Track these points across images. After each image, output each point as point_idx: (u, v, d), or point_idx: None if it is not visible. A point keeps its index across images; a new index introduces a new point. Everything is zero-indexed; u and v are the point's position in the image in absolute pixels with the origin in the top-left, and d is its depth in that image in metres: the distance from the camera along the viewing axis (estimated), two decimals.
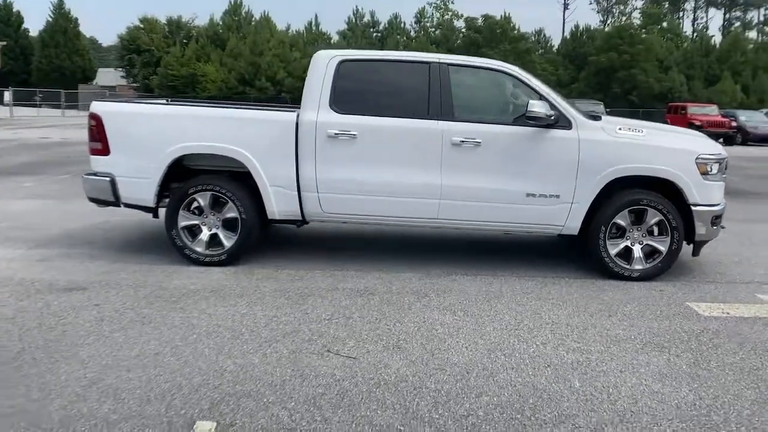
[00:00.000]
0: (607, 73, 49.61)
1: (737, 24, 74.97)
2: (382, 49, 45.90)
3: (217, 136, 5.43)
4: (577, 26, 61.78)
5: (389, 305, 4.59)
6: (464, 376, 3.45)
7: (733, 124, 29.76)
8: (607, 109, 28.57)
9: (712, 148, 5.57)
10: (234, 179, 5.48)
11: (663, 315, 4.55)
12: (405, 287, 5.03)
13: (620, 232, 5.40)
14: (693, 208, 5.30)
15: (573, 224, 5.37)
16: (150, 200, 5.55)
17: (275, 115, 5.56)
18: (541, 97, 5.33)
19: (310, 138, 5.34)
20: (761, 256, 6.37)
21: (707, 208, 5.34)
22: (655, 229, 5.37)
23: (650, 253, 5.40)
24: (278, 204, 5.45)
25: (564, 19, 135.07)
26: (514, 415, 3.04)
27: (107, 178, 5.52)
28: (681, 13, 77.08)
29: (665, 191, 5.34)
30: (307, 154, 5.36)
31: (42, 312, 4.27)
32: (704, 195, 5.31)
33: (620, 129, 5.41)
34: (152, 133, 5.51)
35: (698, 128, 28.31)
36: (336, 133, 5.32)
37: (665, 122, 30.46)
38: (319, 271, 5.43)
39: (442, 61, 5.49)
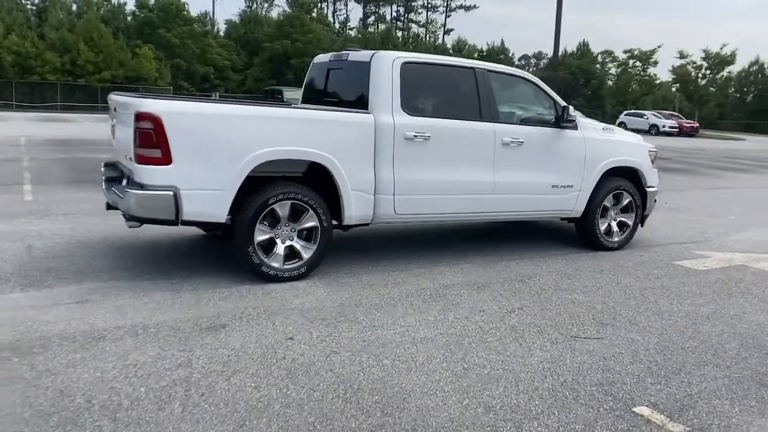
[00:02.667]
0: (280, 60, 51.58)
1: (372, 18, 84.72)
2: None
3: (300, 139, 4.94)
4: (245, 11, 63.05)
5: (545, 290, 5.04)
6: None
7: None
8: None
9: (649, 143, 7.25)
10: (310, 186, 5.07)
11: (669, 274, 5.93)
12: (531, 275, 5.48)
13: (604, 212, 6.68)
14: (647, 189, 6.88)
15: (579, 208, 6.45)
16: (222, 215, 4.74)
17: (354, 116, 5.27)
18: (555, 102, 6.25)
19: (389, 140, 5.27)
20: (684, 220, 8.37)
21: (653, 189, 6.99)
22: (626, 208, 6.81)
23: (620, 226, 6.81)
24: (357, 209, 5.24)
25: (214, 3, 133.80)
26: None
27: (169, 192, 4.52)
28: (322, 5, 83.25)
29: (629, 177, 6.78)
30: (385, 157, 5.27)
31: (260, 358, 3.56)
32: (652, 179, 6.94)
33: (603, 129, 6.66)
34: (227, 138, 4.70)
35: None
36: (414, 135, 5.36)
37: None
38: (397, 272, 5.43)
39: (483, 67, 5.95)
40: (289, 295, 4.72)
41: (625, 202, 6.76)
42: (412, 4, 79.46)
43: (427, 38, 74.95)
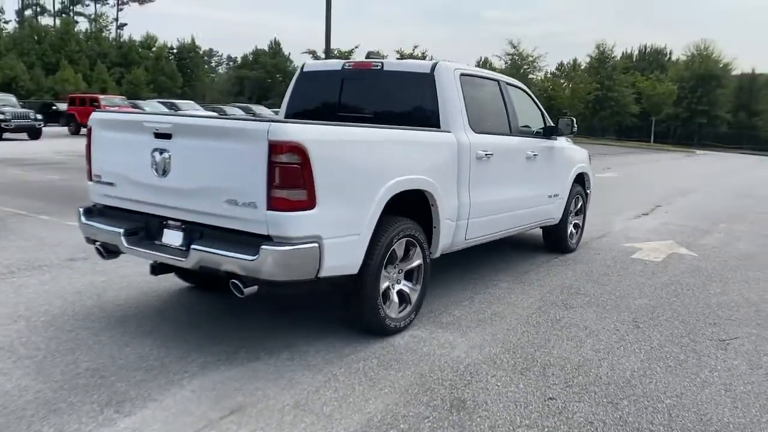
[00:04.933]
0: None
1: (30, 12, 75.11)
2: None
3: (415, 165, 4.23)
4: None
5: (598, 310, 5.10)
6: None
7: None
8: None
9: None
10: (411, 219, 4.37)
11: (640, 272, 6.65)
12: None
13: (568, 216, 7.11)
14: (587, 191, 7.53)
15: (559, 215, 6.76)
16: (357, 265, 3.81)
17: (442, 136, 4.63)
18: (542, 112, 6.44)
19: (466, 161, 4.82)
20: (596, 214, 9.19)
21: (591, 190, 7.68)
22: (579, 211, 7.34)
23: (575, 228, 7.34)
24: (444, 238, 4.70)
25: None
26: None
27: (315, 245, 3.46)
28: None
29: (580, 182, 7.32)
30: (464, 179, 4.82)
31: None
32: (589, 182, 7.60)
33: (567, 139, 7.04)
34: (366, 169, 3.80)
35: None
36: (485, 154, 5.00)
37: (71, 117, 29.55)
38: (478, 296, 5.02)
39: (504, 79, 5.80)
40: (439, 351, 4.02)
41: (579, 204, 7.30)
42: None
43: (96, 32, 68.40)
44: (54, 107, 36.16)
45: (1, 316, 4.32)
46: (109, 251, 4.14)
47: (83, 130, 28.89)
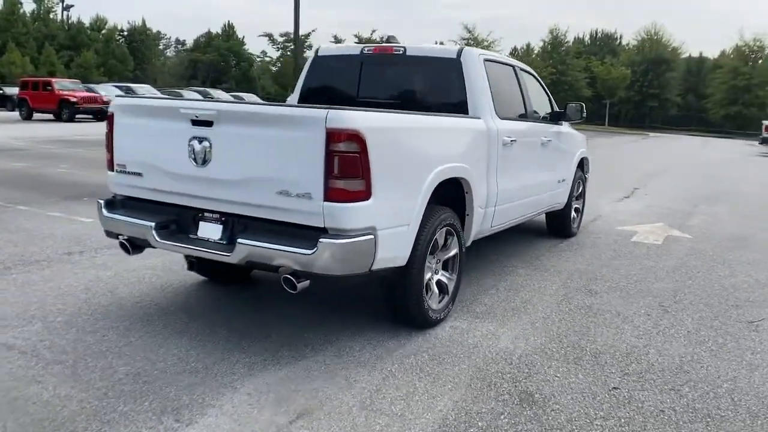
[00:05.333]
0: None
1: None
2: None
3: (453, 152, 4.11)
4: None
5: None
6: None
7: (105, 99, 30.47)
8: None
9: None
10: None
11: (645, 255, 6.73)
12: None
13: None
14: (586, 175, 7.55)
15: (565, 200, 6.75)
16: (405, 257, 3.67)
17: (474, 122, 4.51)
18: (549, 97, 6.39)
19: (495, 147, 4.73)
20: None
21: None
22: (580, 195, 7.36)
23: (576, 212, 7.35)
24: (475, 226, 4.61)
25: None
26: None
27: (371, 237, 3.32)
28: None
29: (581, 166, 7.33)
30: (492, 166, 4.73)
31: None
32: (588, 166, 7.62)
33: (568, 124, 7.02)
34: (416, 157, 3.68)
35: (74, 105, 28.03)
36: (511, 140, 4.91)
37: (23, 101, 28.12)
38: (503, 282, 4.96)
39: (516, 64, 5.71)
40: (485, 342, 3.94)
41: (580, 189, 7.32)
42: None
43: (43, 13, 65.09)
44: (1, 91, 34.42)
45: (12, 317, 4.02)
46: (135, 246, 3.89)
47: (37, 115, 28.01)
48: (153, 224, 3.66)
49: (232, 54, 68.96)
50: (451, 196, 4.29)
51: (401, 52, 4.96)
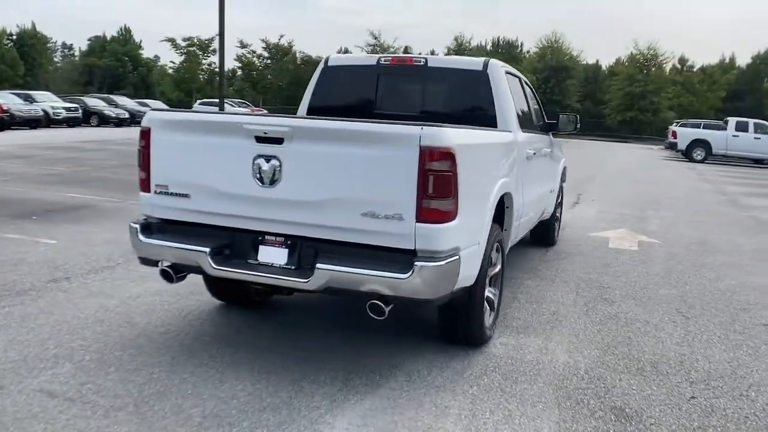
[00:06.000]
0: None
1: None
2: None
3: (503, 167, 4.09)
4: None
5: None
6: None
7: (5, 107, 28.22)
8: None
9: None
10: None
11: (631, 261, 7.01)
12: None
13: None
14: (562, 184, 7.76)
15: (552, 209, 6.90)
16: (475, 275, 3.58)
17: (511, 136, 4.47)
18: (541, 108, 6.51)
19: (522, 160, 4.75)
20: None
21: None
22: (559, 204, 7.55)
23: (556, 221, 7.53)
24: (510, 241, 4.60)
25: None
26: None
27: (456, 257, 3.21)
28: None
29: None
30: (520, 179, 4.74)
31: None
32: (565, 175, 7.83)
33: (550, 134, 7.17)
34: (484, 174, 3.61)
35: None
36: (533, 153, 4.96)
37: None
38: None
39: (521, 75, 5.76)
40: (544, 358, 3.93)
41: (560, 198, 7.52)
42: None
43: None
44: None
45: (33, 358, 3.58)
46: (179, 273, 3.57)
47: None
48: (208, 250, 3.38)
49: (129, 59, 65.92)
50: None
51: (422, 63, 4.89)
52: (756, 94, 55.85)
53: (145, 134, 3.59)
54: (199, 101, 48.47)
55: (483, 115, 4.69)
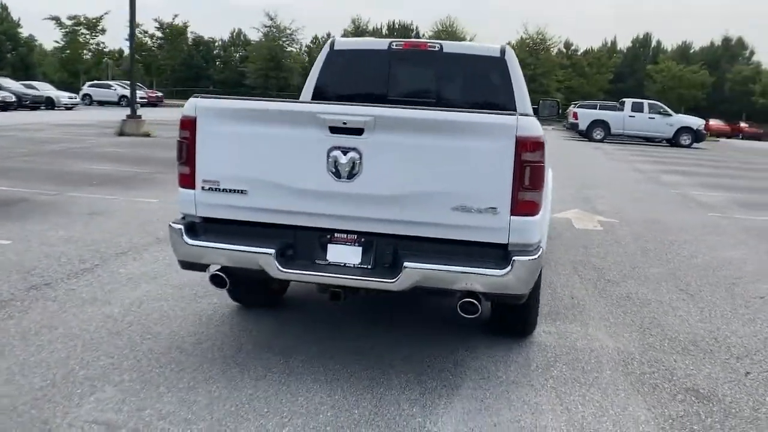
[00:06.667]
0: None
1: None
2: None
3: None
4: None
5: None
6: None
7: None
8: None
9: None
10: None
11: (604, 241, 7.26)
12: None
13: None
14: None
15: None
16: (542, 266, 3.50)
17: None
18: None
19: None
20: None
21: None
22: None
23: None
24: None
25: None
26: None
27: (541, 250, 3.13)
28: None
29: None
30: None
31: None
32: None
33: None
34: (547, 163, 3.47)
35: None
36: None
37: None
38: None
39: None
40: (594, 345, 3.96)
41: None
42: None
43: None
44: None
45: (62, 382, 3.13)
46: (232, 277, 3.24)
47: None
48: (273, 251, 3.08)
49: (6, 38, 60.13)
50: None
51: (437, 49, 4.73)
52: (637, 75, 59.91)
53: (189, 124, 3.19)
54: (88, 83, 45.19)
55: (501, 102, 4.61)
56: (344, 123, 2.98)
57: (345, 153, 3.00)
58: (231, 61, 72.79)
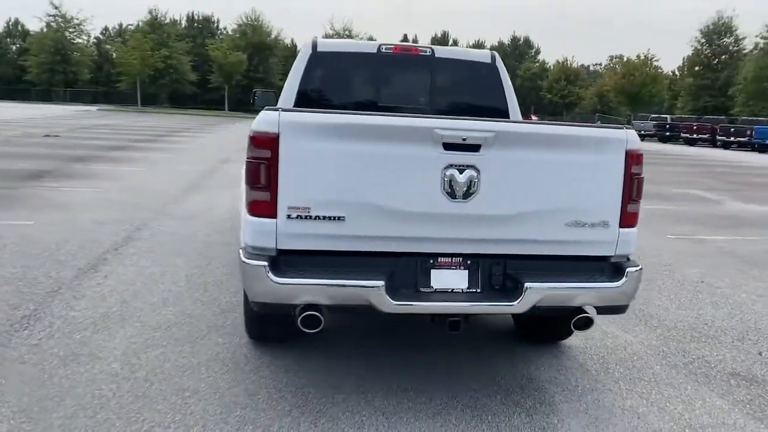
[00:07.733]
0: None
1: None
2: None
3: None
4: None
5: None
6: None
7: None
8: None
9: None
10: None
11: None
12: None
13: None
14: None
15: None
16: None
17: None
18: None
19: None
20: None
21: None
22: None
23: None
24: None
25: None
26: None
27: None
28: None
29: None
30: None
31: None
32: None
33: None
34: None
35: None
36: None
37: None
38: None
39: None
40: (635, 340, 4.17)
41: None
42: None
43: None
44: None
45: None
46: (323, 315, 2.84)
47: None
48: (383, 283, 2.76)
49: None
50: None
51: (428, 53, 4.59)
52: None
53: (270, 142, 2.71)
54: None
55: (495, 108, 4.63)
56: (464, 139, 2.76)
57: (461, 171, 2.79)
58: (7, 53, 64.48)
